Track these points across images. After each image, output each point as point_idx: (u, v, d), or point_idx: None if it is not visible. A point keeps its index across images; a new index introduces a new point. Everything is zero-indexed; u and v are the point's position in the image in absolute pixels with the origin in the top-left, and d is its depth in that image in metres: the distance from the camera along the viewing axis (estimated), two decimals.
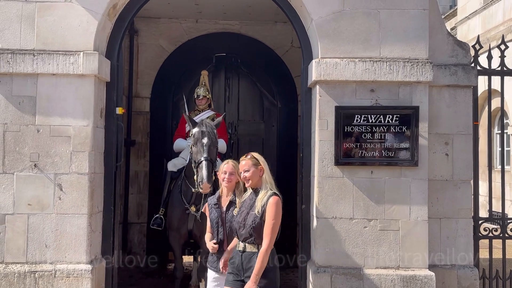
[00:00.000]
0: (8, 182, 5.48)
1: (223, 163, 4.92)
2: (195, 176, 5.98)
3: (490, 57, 6.09)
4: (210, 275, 4.86)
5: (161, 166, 7.72)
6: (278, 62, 8.67)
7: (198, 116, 7.08)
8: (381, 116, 5.56)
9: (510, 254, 6.74)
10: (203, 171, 5.73)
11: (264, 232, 4.28)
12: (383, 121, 5.57)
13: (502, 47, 6.08)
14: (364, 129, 5.57)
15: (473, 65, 5.89)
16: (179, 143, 7.23)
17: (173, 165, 7.11)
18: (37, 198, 5.47)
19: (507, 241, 6.08)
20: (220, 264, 4.71)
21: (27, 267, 5.42)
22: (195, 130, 6.10)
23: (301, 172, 5.99)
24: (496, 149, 13.52)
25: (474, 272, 5.70)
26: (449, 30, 6.21)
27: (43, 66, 5.48)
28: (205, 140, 5.98)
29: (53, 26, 5.55)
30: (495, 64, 6.11)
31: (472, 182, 5.88)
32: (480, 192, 6.67)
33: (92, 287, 5.41)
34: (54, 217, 5.48)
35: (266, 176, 4.44)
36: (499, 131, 8.61)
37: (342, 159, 5.55)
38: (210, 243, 4.84)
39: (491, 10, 14.64)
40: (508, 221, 6.07)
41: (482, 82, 6.49)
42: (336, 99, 5.57)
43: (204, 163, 5.79)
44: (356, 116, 5.56)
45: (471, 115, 5.82)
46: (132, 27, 8.33)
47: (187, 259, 7.69)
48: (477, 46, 6.03)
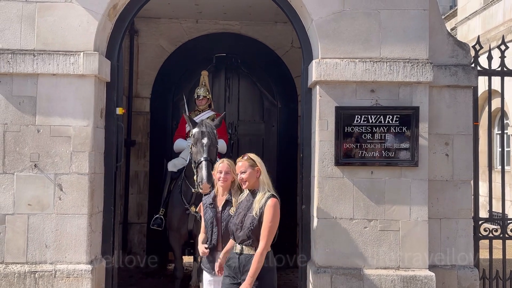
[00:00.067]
0: (8, 182, 5.48)
1: (218, 162, 4.92)
2: (195, 176, 5.99)
3: (490, 58, 6.09)
4: (206, 277, 4.83)
5: (161, 166, 7.72)
6: (278, 62, 8.67)
7: (198, 117, 7.07)
8: (381, 117, 5.56)
9: (510, 255, 6.74)
10: (203, 171, 5.73)
11: (261, 234, 4.21)
12: (383, 122, 5.57)
13: (502, 48, 6.08)
14: (364, 130, 5.57)
15: (473, 66, 5.89)
16: (179, 143, 7.23)
17: (173, 165, 7.12)
18: (37, 198, 5.47)
19: (507, 242, 6.08)
20: (216, 268, 4.64)
21: (27, 267, 5.42)
22: (195, 130, 6.11)
23: (301, 173, 5.99)
24: (496, 150, 13.52)
25: (474, 273, 5.70)
26: (449, 31, 6.21)
27: (43, 66, 5.48)
28: (205, 140, 5.98)
29: (53, 26, 5.55)
30: (495, 65, 6.11)
31: (472, 183, 5.88)
32: (480, 193, 6.68)
33: (92, 287, 5.41)
34: (54, 217, 5.48)
35: (264, 177, 4.36)
36: (499, 132, 8.60)
37: (342, 160, 5.55)
38: (202, 247, 4.79)
39: (491, 11, 14.64)
40: (508, 222, 6.07)
41: (482, 83, 6.49)
42: (336, 100, 5.58)
43: (204, 163, 5.79)
44: (356, 117, 5.56)
45: (471, 116, 5.82)
46: (132, 27, 8.33)
47: (187, 259, 7.69)
48: (477, 47, 6.03)
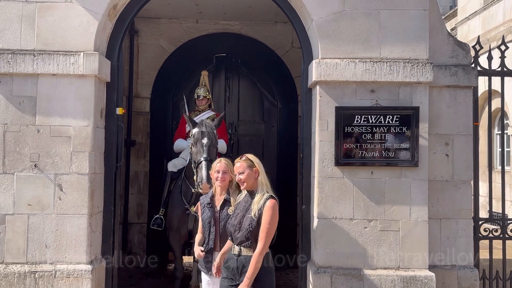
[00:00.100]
0: (8, 182, 5.48)
1: (215, 162, 4.89)
2: (195, 177, 5.98)
3: (490, 58, 6.09)
4: (204, 278, 4.81)
5: (161, 167, 7.72)
6: (278, 63, 8.67)
7: (199, 117, 7.07)
8: (381, 117, 5.56)
9: (510, 255, 6.74)
10: (203, 171, 5.73)
11: (259, 236, 4.17)
12: (383, 122, 5.57)
13: (502, 48, 6.08)
14: (364, 130, 5.57)
15: (473, 66, 5.89)
16: (179, 144, 7.23)
17: (173, 166, 7.11)
18: (37, 198, 5.47)
19: (507, 242, 6.08)
20: (213, 270, 4.60)
21: (27, 268, 5.42)
22: (195, 131, 6.11)
23: (301, 173, 5.99)
24: (496, 150, 13.52)
25: (474, 273, 5.70)
26: (449, 31, 6.21)
27: (44, 66, 5.48)
28: (205, 141, 5.98)
29: (54, 26, 5.55)
30: (495, 65, 6.11)
31: (472, 183, 5.88)
32: (480, 193, 6.68)
33: (92, 287, 5.41)
34: (54, 217, 5.48)
35: (262, 178, 4.31)
36: (499, 132, 8.59)
37: (342, 160, 5.55)
38: (198, 249, 4.75)
39: (491, 11, 14.64)
40: (508, 222, 6.07)
41: (482, 83, 6.49)
42: (336, 100, 5.58)
43: (204, 163, 5.79)
44: (356, 117, 5.56)
45: (471, 116, 5.82)
46: (133, 28, 8.33)
47: (187, 260, 7.69)
48: (477, 47, 6.03)
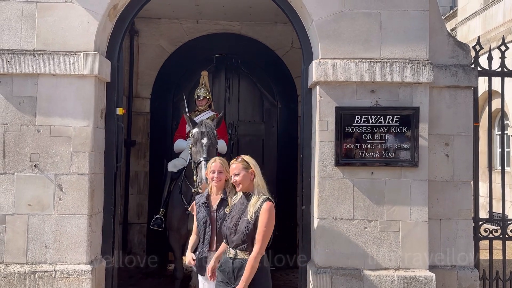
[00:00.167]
0: (8, 183, 5.48)
1: (210, 162, 4.86)
2: (195, 177, 5.98)
3: (491, 58, 6.09)
4: (200, 279, 4.79)
5: (161, 167, 7.72)
6: (279, 63, 8.67)
7: (199, 117, 7.06)
8: (382, 117, 5.56)
9: (510, 255, 6.73)
10: (202, 172, 5.72)
11: (256, 239, 4.11)
12: (384, 122, 5.56)
13: (503, 48, 6.08)
14: (365, 130, 5.56)
15: (474, 66, 5.89)
16: (179, 144, 7.23)
17: (173, 166, 7.11)
18: (37, 199, 5.47)
19: (507, 242, 6.08)
20: (208, 273, 4.53)
21: (27, 268, 5.42)
22: (195, 131, 6.11)
23: (301, 173, 5.99)
24: (496, 150, 13.52)
25: (474, 273, 5.70)
26: (449, 31, 6.20)
27: (44, 67, 5.48)
28: (205, 141, 5.98)
29: (54, 27, 5.55)
30: (496, 65, 6.11)
31: (472, 183, 5.88)
32: (480, 193, 6.67)
33: (92, 287, 5.43)
34: (54, 218, 5.48)
35: (258, 180, 4.23)
36: (499, 132, 8.59)
37: (343, 160, 5.55)
38: (190, 256, 4.70)
39: (491, 11, 14.63)
40: (508, 222, 6.07)
41: (483, 83, 6.49)
42: (337, 100, 5.57)
43: (203, 164, 5.78)
44: (357, 117, 5.56)
45: (472, 116, 5.82)
46: (133, 28, 8.33)
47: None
48: (478, 47, 6.03)
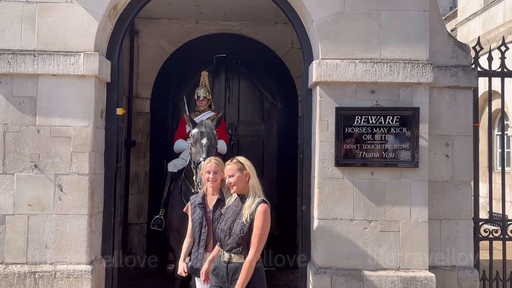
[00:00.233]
0: (8, 183, 5.48)
1: (205, 162, 4.82)
2: (194, 177, 5.98)
3: (491, 59, 6.09)
4: (197, 280, 4.76)
5: (161, 167, 7.72)
6: (279, 63, 8.67)
7: (199, 117, 7.05)
8: (382, 117, 5.56)
9: (511, 256, 6.73)
10: None
11: (251, 242, 4.04)
12: (384, 122, 5.56)
13: (503, 49, 6.08)
14: (365, 130, 5.57)
15: (474, 67, 5.89)
16: (179, 144, 7.22)
17: (173, 166, 7.11)
18: (37, 199, 5.47)
19: (508, 243, 6.08)
20: (201, 276, 4.48)
21: (27, 268, 5.42)
22: (195, 131, 6.10)
23: (301, 173, 5.99)
24: (496, 151, 13.51)
25: (474, 274, 5.70)
26: (449, 32, 6.21)
27: (44, 67, 5.48)
28: (204, 141, 5.98)
29: (54, 27, 5.55)
30: (496, 66, 6.11)
31: (472, 184, 5.88)
32: (480, 194, 6.67)
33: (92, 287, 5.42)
34: (54, 218, 5.48)
35: (253, 182, 4.16)
36: (499, 133, 8.60)
37: (343, 160, 5.55)
38: (182, 266, 4.64)
39: (491, 12, 14.63)
40: (508, 223, 6.07)
41: (483, 84, 6.49)
42: (337, 100, 5.57)
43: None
44: (357, 117, 5.56)
45: (472, 117, 5.82)
46: (133, 28, 8.33)
47: (187, 260, 7.66)
48: (478, 48, 6.03)
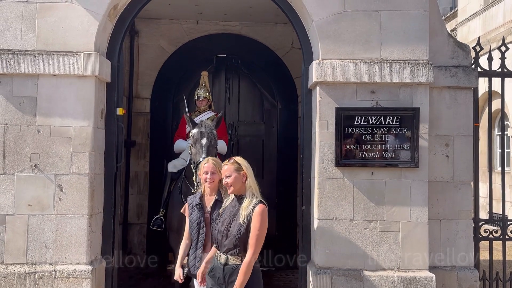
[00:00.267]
0: (8, 183, 5.48)
1: (203, 162, 4.80)
2: (194, 177, 5.97)
3: (491, 59, 6.09)
4: (196, 281, 4.72)
5: (161, 167, 7.72)
6: (279, 63, 8.66)
7: (199, 117, 7.05)
8: (382, 118, 5.56)
9: (511, 256, 6.73)
10: None
11: (249, 243, 3.99)
12: (384, 123, 5.56)
13: (503, 49, 6.08)
14: (365, 131, 5.56)
15: (474, 67, 5.89)
16: (179, 144, 7.22)
17: (173, 166, 7.11)
18: (37, 199, 5.47)
19: (508, 243, 6.08)
20: (198, 278, 4.45)
21: (27, 268, 5.42)
22: (194, 131, 6.10)
23: (302, 173, 5.99)
24: (496, 151, 13.51)
25: (474, 274, 5.70)
26: (449, 32, 6.21)
27: (44, 67, 5.48)
28: (204, 141, 5.97)
29: (54, 27, 5.55)
30: (496, 66, 6.11)
31: (473, 184, 5.88)
32: (480, 194, 6.67)
33: None
34: (54, 218, 5.48)
35: (250, 182, 4.12)
36: (500, 133, 8.59)
37: (343, 160, 5.55)
38: (178, 271, 4.58)
39: (491, 12, 14.63)
40: (508, 223, 6.07)
41: (483, 84, 6.49)
42: (337, 100, 5.57)
43: None
44: (357, 117, 5.56)
45: (472, 117, 5.82)
46: (133, 28, 8.32)
47: (186, 260, 7.66)
48: (478, 48, 6.03)
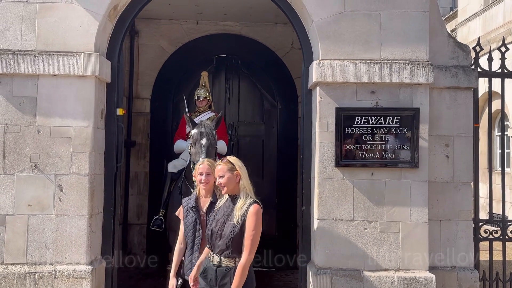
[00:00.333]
0: (8, 183, 5.48)
1: (198, 163, 4.76)
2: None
3: (491, 59, 6.09)
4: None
5: (161, 167, 7.71)
6: (279, 64, 8.66)
7: (199, 118, 7.05)
8: (382, 118, 5.56)
9: (510, 256, 6.74)
10: None
11: (244, 244, 3.94)
12: (384, 123, 5.57)
13: (503, 49, 6.08)
14: (365, 131, 5.56)
15: (474, 67, 5.90)
16: (179, 144, 7.22)
17: (173, 166, 7.10)
18: (37, 199, 5.47)
19: (508, 243, 6.08)
20: (190, 282, 4.38)
21: (27, 268, 5.42)
22: (194, 131, 6.09)
23: (301, 174, 5.99)
24: (496, 151, 13.52)
25: (474, 274, 5.70)
26: (450, 32, 6.21)
27: (44, 67, 5.48)
28: (204, 141, 5.97)
29: (54, 27, 5.55)
30: (496, 66, 6.11)
31: (473, 184, 5.88)
32: (480, 194, 6.67)
33: None
34: (54, 218, 5.48)
35: (244, 182, 4.07)
36: (500, 133, 8.60)
37: (343, 161, 5.54)
38: (172, 283, 4.50)
39: (491, 12, 14.63)
40: (508, 223, 6.07)
41: (483, 84, 6.49)
42: (337, 101, 5.57)
43: None
44: (357, 118, 5.56)
45: (472, 117, 5.83)
46: (133, 28, 8.32)
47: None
48: (478, 48, 6.03)
